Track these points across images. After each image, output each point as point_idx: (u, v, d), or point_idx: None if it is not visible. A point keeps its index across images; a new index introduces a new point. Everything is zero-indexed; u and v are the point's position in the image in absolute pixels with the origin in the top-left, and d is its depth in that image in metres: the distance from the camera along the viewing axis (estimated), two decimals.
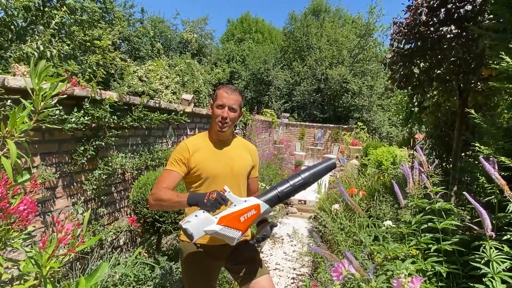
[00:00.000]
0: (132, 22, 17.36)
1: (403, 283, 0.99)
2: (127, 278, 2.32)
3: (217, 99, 1.61)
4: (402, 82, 3.60)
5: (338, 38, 16.90)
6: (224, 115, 1.59)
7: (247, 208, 1.32)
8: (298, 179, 1.42)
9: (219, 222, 1.28)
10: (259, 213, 1.36)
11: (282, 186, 1.42)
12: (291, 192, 1.42)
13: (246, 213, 1.31)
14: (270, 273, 3.58)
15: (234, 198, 1.33)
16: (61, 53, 2.92)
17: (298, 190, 1.43)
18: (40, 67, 1.09)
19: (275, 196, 1.39)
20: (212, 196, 1.30)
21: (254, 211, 1.33)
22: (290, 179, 1.44)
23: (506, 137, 2.13)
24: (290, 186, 1.41)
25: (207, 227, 1.26)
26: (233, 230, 1.29)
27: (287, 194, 1.42)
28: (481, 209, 1.24)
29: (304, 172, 1.45)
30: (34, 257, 0.91)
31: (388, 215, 2.97)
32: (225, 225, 1.28)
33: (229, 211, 1.31)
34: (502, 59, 2.07)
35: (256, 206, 1.34)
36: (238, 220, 1.30)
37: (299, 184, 1.42)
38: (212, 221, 1.27)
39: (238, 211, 1.31)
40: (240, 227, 1.30)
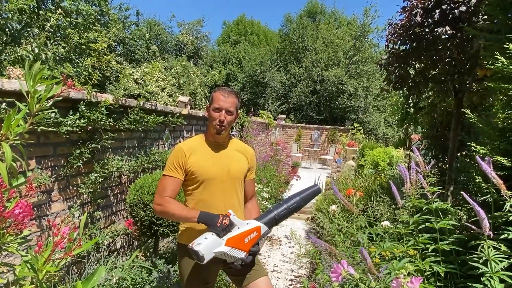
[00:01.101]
0: (128, 25, 17.32)
1: (403, 283, 0.99)
2: (124, 281, 2.30)
3: (214, 102, 1.61)
4: (398, 83, 3.62)
5: (334, 40, 16.97)
6: (221, 118, 1.59)
7: (250, 230, 1.42)
8: (291, 203, 1.55)
9: (226, 244, 1.37)
10: (260, 234, 1.46)
11: (278, 209, 1.53)
12: (286, 215, 1.54)
13: (249, 235, 1.42)
14: (268, 274, 3.57)
15: (237, 221, 1.43)
16: (56, 56, 2.90)
17: (291, 212, 1.56)
18: (35, 69, 1.08)
19: (273, 219, 1.50)
20: (225, 222, 1.39)
21: (256, 233, 1.44)
22: (284, 203, 1.56)
23: (502, 137, 2.14)
24: (285, 210, 1.53)
25: (217, 249, 1.34)
26: (238, 251, 1.38)
27: (283, 216, 1.53)
28: (479, 209, 1.25)
29: (295, 196, 1.59)
30: (30, 261, 0.90)
31: (385, 216, 2.97)
32: (232, 247, 1.36)
33: (234, 233, 1.40)
34: (497, 59, 2.09)
35: (257, 228, 1.45)
36: (243, 241, 1.39)
37: (292, 207, 1.55)
38: (220, 243, 1.36)
39: (242, 233, 1.40)
40: (245, 248, 1.40)
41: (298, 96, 16.37)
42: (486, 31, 2.46)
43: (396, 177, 4.86)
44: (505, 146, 2.06)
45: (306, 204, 1.62)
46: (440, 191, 2.04)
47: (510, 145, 2.05)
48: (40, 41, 2.46)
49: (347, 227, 2.86)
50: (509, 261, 1.36)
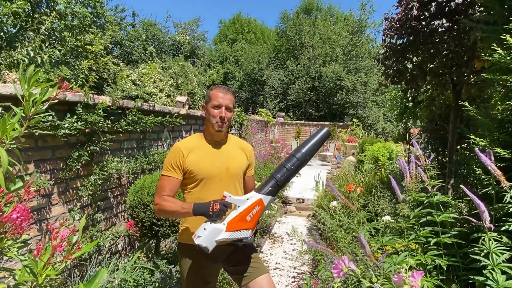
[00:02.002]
0: (124, 26, 17.28)
1: (404, 278, 0.99)
2: (127, 283, 2.30)
3: (213, 99, 1.60)
4: (396, 77, 3.61)
5: (331, 36, 16.95)
6: (222, 115, 1.59)
7: (251, 206, 1.37)
8: (294, 161, 1.43)
9: (227, 228, 1.33)
10: (264, 206, 1.40)
11: (280, 172, 1.43)
12: (290, 176, 1.44)
13: (251, 211, 1.36)
14: (270, 272, 3.58)
15: (236, 200, 1.37)
16: (52, 59, 2.88)
17: (296, 171, 1.45)
18: (29, 72, 1.07)
19: (275, 185, 1.42)
20: (216, 207, 1.35)
21: (258, 207, 1.38)
22: (285, 162, 1.45)
23: (501, 128, 2.13)
24: (287, 170, 1.43)
25: (218, 237, 1.32)
26: (242, 232, 1.34)
27: (286, 179, 1.43)
28: (479, 201, 1.24)
29: (298, 151, 1.45)
30: (29, 266, 0.90)
31: (386, 210, 2.97)
32: (233, 230, 1.33)
33: (235, 213, 1.36)
34: (494, 51, 2.08)
35: (259, 201, 1.38)
36: (245, 220, 1.35)
37: (296, 165, 1.43)
38: (221, 230, 1.33)
39: (243, 212, 1.36)
40: (248, 226, 1.36)
41: (296, 93, 16.36)
42: (483, 23, 2.45)
43: (397, 172, 4.86)
44: (504, 137, 2.05)
45: (314, 153, 1.48)
46: (441, 185, 2.03)
47: (509, 136, 2.04)
48: (35, 45, 2.45)
49: (348, 222, 2.86)
50: (510, 253, 1.35)
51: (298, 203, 6.29)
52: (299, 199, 6.31)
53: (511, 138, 2.03)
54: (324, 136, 1.49)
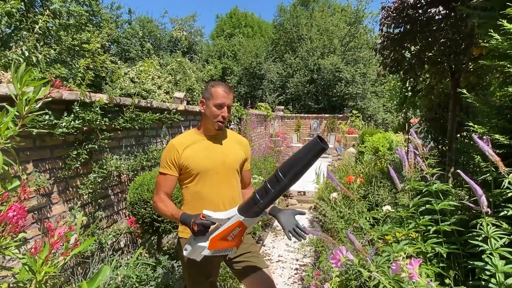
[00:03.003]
0: (120, 24, 17.20)
1: (402, 266, 0.99)
2: (130, 279, 2.32)
3: (215, 98, 1.58)
4: (394, 66, 3.59)
5: (329, 27, 16.84)
6: (225, 115, 1.59)
7: (231, 227, 1.32)
8: (275, 184, 1.20)
9: (210, 246, 1.33)
10: (245, 227, 1.33)
11: (261, 195, 1.25)
12: (272, 199, 1.25)
13: (232, 232, 1.32)
14: (273, 265, 3.60)
15: (217, 219, 1.33)
16: (48, 58, 2.87)
17: (279, 193, 1.25)
18: (21, 71, 1.07)
19: (257, 209, 1.28)
20: (194, 228, 1.33)
21: (238, 228, 1.32)
22: (269, 182, 1.23)
23: (499, 115, 2.13)
24: (268, 195, 1.23)
25: (202, 253, 1.35)
26: (225, 250, 1.34)
27: (269, 202, 1.26)
28: (475, 186, 1.24)
29: (283, 172, 1.18)
30: (27, 263, 0.90)
31: (386, 200, 2.98)
32: (215, 248, 1.33)
33: (218, 231, 1.34)
34: (491, 37, 2.06)
35: (239, 223, 1.31)
36: (226, 239, 1.33)
37: (279, 188, 1.21)
38: (203, 248, 1.34)
39: (224, 232, 1.33)
40: (230, 244, 1.34)
41: (295, 86, 16.31)
42: (480, 9, 2.43)
43: (397, 162, 4.86)
44: (503, 123, 2.04)
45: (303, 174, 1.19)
46: (440, 173, 2.03)
47: (508, 122, 2.04)
48: (30, 44, 2.44)
49: (349, 213, 2.86)
50: (509, 238, 1.35)
51: (300, 196, 6.30)
52: (300, 192, 6.32)
53: (509, 124, 2.02)
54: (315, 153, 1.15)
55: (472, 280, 1.55)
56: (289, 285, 3.17)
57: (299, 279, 3.24)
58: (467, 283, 1.59)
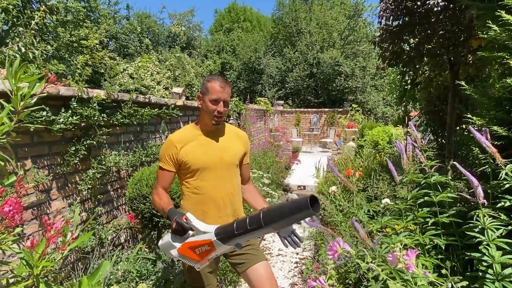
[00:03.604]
0: (118, 19, 17.12)
1: (399, 256, 0.99)
2: (130, 274, 2.33)
3: (211, 93, 1.56)
4: (393, 59, 3.57)
5: (328, 21, 16.74)
6: (220, 110, 1.56)
7: (201, 242, 1.27)
8: (254, 224, 1.15)
9: (179, 249, 1.32)
10: (214, 249, 1.26)
11: (239, 227, 1.19)
12: (248, 235, 1.18)
13: (200, 247, 1.27)
14: (273, 259, 3.61)
15: (195, 227, 1.29)
16: (45, 54, 2.86)
17: (256, 234, 1.17)
18: (15, 66, 1.06)
19: (228, 237, 1.22)
20: (173, 226, 1.32)
21: (207, 247, 1.26)
22: (250, 219, 1.17)
23: (498, 107, 2.12)
24: (244, 231, 1.17)
25: (170, 251, 1.34)
26: (190, 260, 1.30)
27: (244, 236, 1.19)
28: (472, 177, 1.24)
29: (265, 216, 1.13)
30: (25, 258, 0.91)
31: (385, 193, 2.98)
32: (183, 254, 1.31)
33: (191, 239, 1.31)
34: (489, 28, 2.05)
35: (209, 242, 1.25)
36: (194, 251, 1.29)
37: (255, 228, 1.15)
38: (173, 247, 1.33)
39: (194, 243, 1.29)
40: (197, 258, 1.29)
41: (295, 81, 16.25)
42: (478, 0, 2.41)
43: (396, 155, 4.86)
44: (502, 115, 2.04)
45: (283, 227, 1.14)
46: (439, 165, 2.03)
47: (506, 114, 2.03)
48: (26, 40, 2.43)
49: (348, 207, 2.87)
50: (506, 229, 1.36)
51: (299, 190, 6.31)
52: (300, 186, 6.33)
53: (508, 116, 2.02)
54: (302, 215, 1.06)
55: (470, 271, 1.56)
56: (289, 278, 3.18)
57: (299, 273, 3.26)
58: (465, 274, 1.60)
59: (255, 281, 1.58)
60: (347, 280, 2.21)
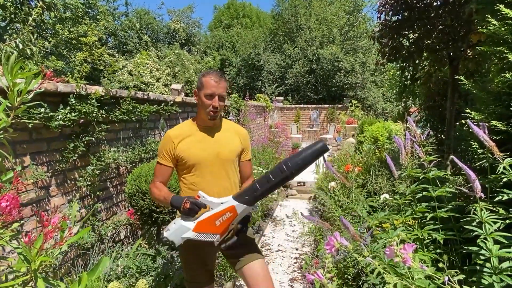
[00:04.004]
0: (117, 16, 17.06)
1: (395, 251, 0.99)
2: (130, 269, 2.34)
3: (206, 88, 1.56)
4: (392, 55, 3.57)
5: (327, 17, 16.67)
6: (215, 104, 1.56)
7: (222, 211, 1.33)
8: (278, 174, 1.31)
9: (195, 228, 1.33)
10: (236, 214, 1.33)
11: (261, 183, 1.33)
12: (270, 189, 1.34)
13: (221, 216, 1.33)
14: (272, 254, 3.62)
15: (210, 202, 1.35)
16: (43, 50, 2.84)
17: (278, 185, 1.34)
18: (11, 62, 1.06)
19: (252, 195, 1.33)
20: (186, 205, 1.35)
21: (229, 213, 1.33)
22: (270, 174, 1.33)
23: (497, 101, 2.11)
24: (268, 183, 1.32)
25: (184, 235, 1.33)
26: (209, 235, 1.33)
27: (266, 191, 1.33)
28: (469, 171, 1.24)
29: (286, 163, 1.31)
30: (22, 253, 0.91)
31: (384, 189, 2.99)
32: (200, 232, 1.33)
33: (206, 215, 1.35)
34: (488, 23, 2.04)
35: (231, 208, 1.33)
36: (213, 224, 1.33)
37: (279, 179, 1.31)
38: (188, 229, 1.33)
39: (214, 215, 1.34)
40: (216, 230, 1.33)
41: (294, 77, 16.21)
42: None
43: (396, 151, 4.85)
44: (500, 110, 2.03)
45: (305, 169, 1.33)
46: (438, 160, 2.03)
47: (505, 108, 2.02)
48: (23, 36, 2.42)
49: (347, 202, 2.88)
50: (504, 222, 1.36)
51: (299, 186, 6.32)
52: (300, 182, 6.34)
53: (507, 110, 2.01)
54: (318, 150, 1.31)
55: (468, 266, 1.56)
56: (289, 273, 3.20)
57: (298, 268, 3.28)
58: (463, 268, 1.60)
59: (251, 279, 1.57)
60: (346, 275, 2.22)
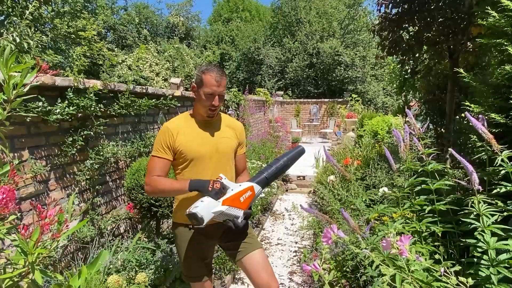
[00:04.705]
0: (116, 10, 16.93)
1: (392, 242, 0.99)
2: (129, 263, 2.35)
3: (206, 86, 1.52)
4: (392, 48, 3.55)
5: (328, 10, 16.57)
6: (216, 104, 1.54)
7: (244, 189, 1.48)
8: (279, 163, 1.64)
9: (223, 204, 1.41)
10: (255, 193, 1.51)
11: (268, 170, 1.60)
12: (276, 174, 1.62)
13: (244, 194, 1.47)
14: (272, 248, 3.64)
15: (230, 184, 1.46)
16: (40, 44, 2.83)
17: (281, 171, 1.65)
18: (6, 54, 1.05)
19: (264, 179, 1.56)
20: (217, 186, 1.42)
21: (250, 192, 1.49)
22: (273, 163, 1.64)
23: (496, 94, 2.11)
24: (275, 169, 1.61)
25: (214, 209, 1.37)
26: (236, 209, 1.42)
27: (273, 175, 1.61)
28: (466, 163, 1.24)
29: (283, 157, 1.68)
30: (20, 246, 0.91)
31: (383, 182, 2.99)
32: (229, 205, 1.41)
33: (229, 194, 1.44)
34: (488, 15, 2.03)
35: (251, 187, 1.50)
36: (238, 200, 1.44)
37: (280, 166, 1.63)
38: (217, 203, 1.40)
39: (237, 193, 1.45)
40: (241, 206, 1.45)
41: (294, 71, 16.14)
42: None
43: (396, 145, 4.85)
44: (500, 103, 2.03)
45: (294, 163, 1.72)
46: (437, 153, 2.03)
47: (504, 101, 2.02)
48: (20, 30, 2.40)
49: (346, 196, 2.88)
50: (501, 215, 1.36)
51: (299, 180, 6.33)
52: (300, 177, 6.35)
53: (506, 103, 2.00)
54: (299, 151, 1.78)
55: (466, 258, 1.57)
56: (288, 266, 3.21)
57: (297, 261, 3.29)
58: (461, 261, 1.61)
59: (251, 269, 1.59)
60: (344, 268, 2.23)
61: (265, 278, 1.57)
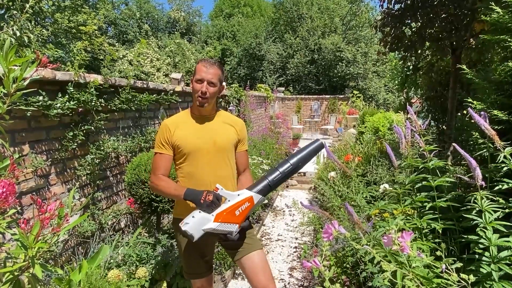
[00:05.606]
0: (117, 5, 16.89)
1: (394, 239, 0.99)
2: (130, 258, 2.35)
3: (196, 73, 1.58)
4: (394, 44, 3.53)
5: (329, 6, 16.50)
6: (203, 89, 1.55)
7: (241, 201, 1.40)
8: (287, 166, 1.49)
9: (215, 219, 1.35)
10: (253, 204, 1.43)
11: (272, 175, 1.48)
12: (281, 179, 1.49)
13: (241, 207, 1.39)
14: (272, 244, 3.65)
15: (227, 194, 1.40)
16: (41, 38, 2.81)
17: (288, 176, 1.51)
18: (6, 47, 1.04)
19: (266, 186, 1.47)
20: (209, 198, 1.37)
21: (248, 203, 1.41)
22: (279, 166, 1.51)
23: (499, 91, 2.09)
24: (280, 174, 1.48)
25: (205, 226, 1.34)
26: (229, 225, 1.36)
27: (278, 181, 1.48)
28: (470, 158, 1.23)
29: (293, 157, 1.51)
30: (20, 240, 0.91)
31: (384, 179, 2.98)
32: (221, 222, 1.35)
33: (224, 206, 1.38)
34: (492, 10, 2.01)
35: (249, 198, 1.42)
36: (233, 214, 1.37)
37: (288, 170, 1.49)
38: (208, 220, 1.35)
39: (233, 206, 1.38)
40: (236, 220, 1.38)
41: (296, 67, 16.09)
42: None
43: (397, 141, 4.84)
44: (502, 99, 2.01)
45: (307, 163, 1.55)
46: (438, 150, 2.02)
47: (507, 98, 2.00)
48: (20, 23, 2.39)
49: (347, 192, 2.88)
50: (503, 211, 1.35)
51: (300, 176, 6.33)
52: (300, 173, 6.34)
53: (509, 100, 1.99)
54: (317, 147, 1.56)
55: (467, 255, 1.57)
56: (288, 262, 3.22)
57: (298, 257, 3.30)
58: (462, 257, 1.61)
59: (250, 270, 1.58)
60: (344, 264, 2.23)
61: (263, 281, 1.55)
